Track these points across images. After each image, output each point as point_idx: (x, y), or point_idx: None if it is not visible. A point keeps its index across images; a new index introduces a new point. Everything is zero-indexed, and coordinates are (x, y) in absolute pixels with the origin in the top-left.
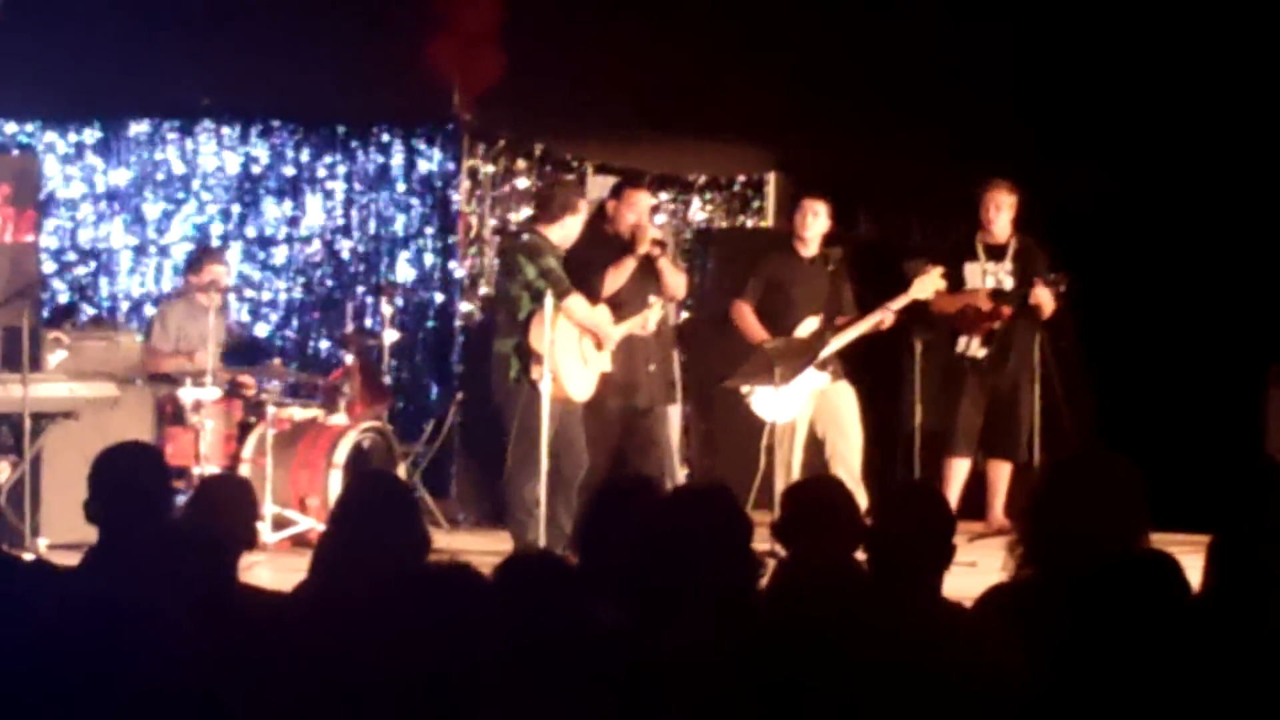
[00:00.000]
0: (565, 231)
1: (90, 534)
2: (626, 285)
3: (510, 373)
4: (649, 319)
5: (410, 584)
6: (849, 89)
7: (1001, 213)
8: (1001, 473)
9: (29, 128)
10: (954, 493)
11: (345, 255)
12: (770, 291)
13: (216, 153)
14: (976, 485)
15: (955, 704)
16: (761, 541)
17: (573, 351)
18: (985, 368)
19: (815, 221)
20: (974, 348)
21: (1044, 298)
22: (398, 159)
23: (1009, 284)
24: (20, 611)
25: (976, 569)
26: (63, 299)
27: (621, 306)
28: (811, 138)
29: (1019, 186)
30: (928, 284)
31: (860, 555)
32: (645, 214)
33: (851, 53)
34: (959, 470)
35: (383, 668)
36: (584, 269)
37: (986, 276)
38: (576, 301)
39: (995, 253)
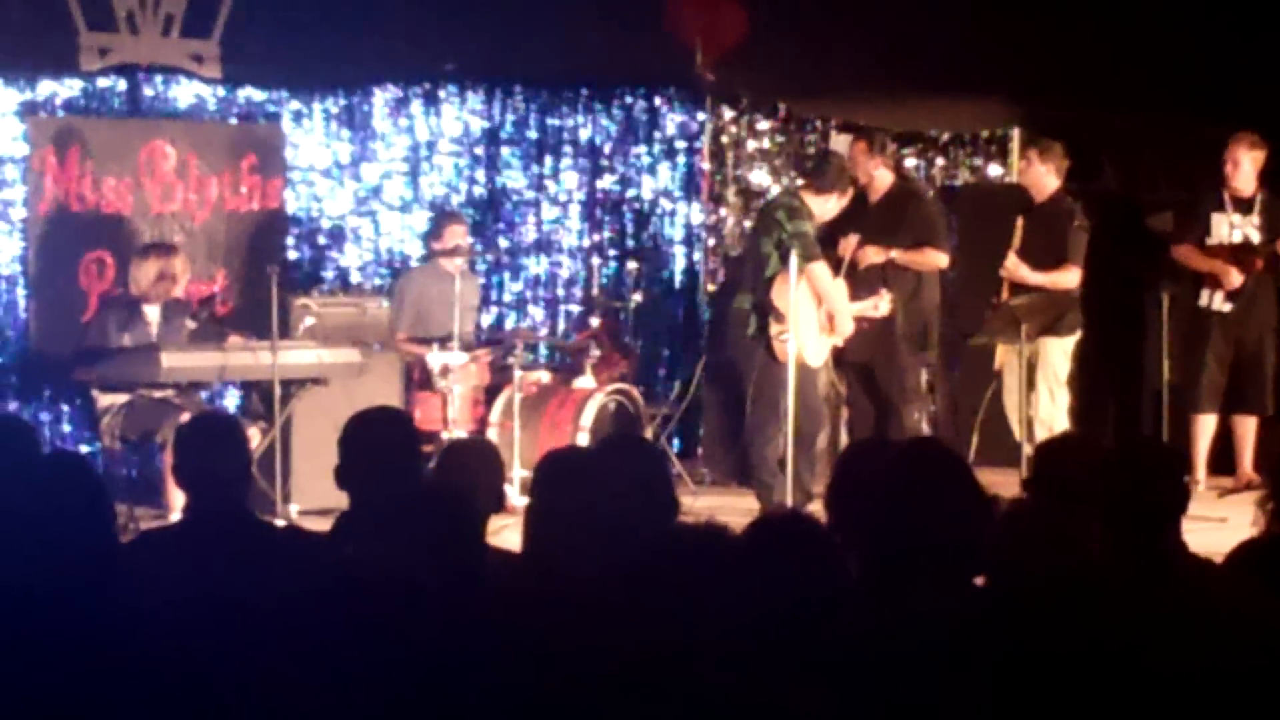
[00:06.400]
0: (826, 206)
1: (340, 500)
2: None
3: (748, 329)
4: (880, 305)
5: (664, 546)
6: (1092, 40)
7: (1245, 166)
8: (1248, 427)
9: (275, 95)
10: (1202, 449)
11: (590, 217)
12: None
13: (460, 118)
14: (1225, 441)
15: (1209, 658)
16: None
17: (812, 318)
18: (1231, 321)
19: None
20: (1219, 301)
21: None
22: (641, 120)
23: (1256, 237)
24: (275, 577)
25: (1227, 525)
26: (309, 267)
27: (857, 284)
28: (1056, 91)
29: (1266, 140)
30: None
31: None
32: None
33: (1093, 3)
34: (1206, 426)
35: (636, 630)
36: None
37: (1234, 230)
38: (821, 268)
39: (1242, 205)
